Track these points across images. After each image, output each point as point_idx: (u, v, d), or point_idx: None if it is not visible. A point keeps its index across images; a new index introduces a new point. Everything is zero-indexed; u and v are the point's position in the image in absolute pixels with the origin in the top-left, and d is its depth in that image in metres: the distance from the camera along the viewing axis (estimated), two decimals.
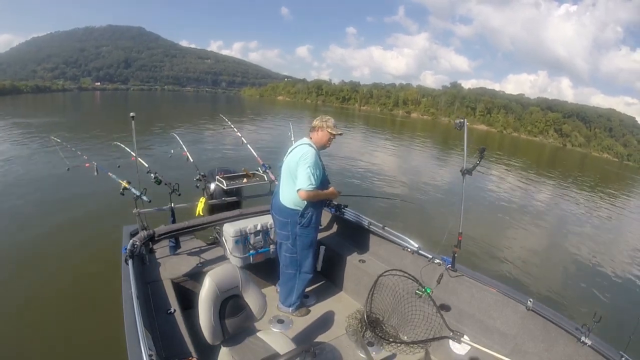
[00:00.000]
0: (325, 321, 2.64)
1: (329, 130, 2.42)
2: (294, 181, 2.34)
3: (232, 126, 4.34)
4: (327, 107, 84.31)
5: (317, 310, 2.75)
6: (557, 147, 71.50)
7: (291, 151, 2.47)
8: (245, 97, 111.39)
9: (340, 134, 2.48)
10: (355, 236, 3.22)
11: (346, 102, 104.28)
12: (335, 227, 3.44)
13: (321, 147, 2.46)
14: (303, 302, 2.74)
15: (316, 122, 2.45)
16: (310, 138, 2.46)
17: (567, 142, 79.59)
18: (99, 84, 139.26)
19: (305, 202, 2.37)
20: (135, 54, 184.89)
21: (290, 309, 2.64)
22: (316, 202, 2.43)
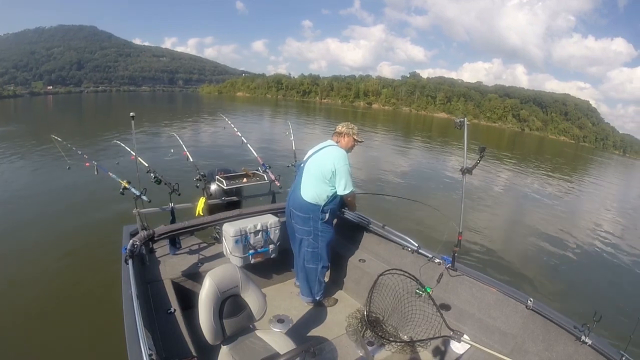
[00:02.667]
0: (325, 321, 2.64)
1: (355, 137, 2.64)
2: (323, 180, 2.48)
3: (233, 126, 4.34)
4: (287, 101, 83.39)
5: (317, 310, 2.76)
6: (515, 131, 73.53)
7: (319, 150, 2.61)
8: (204, 95, 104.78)
9: (361, 142, 2.70)
10: (355, 236, 3.22)
11: (307, 95, 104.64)
12: (335, 227, 3.44)
13: (347, 151, 2.62)
14: (326, 293, 2.85)
15: (342, 129, 2.64)
16: (337, 142, 2.63)
17: (525, 127, 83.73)
18: (51, 87, 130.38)
19: (326, 199, 2.51)
20: (88, 54, 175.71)
21: (318, 297, 2.74)
22: (336, 200, 2.57)
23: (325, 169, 2.47)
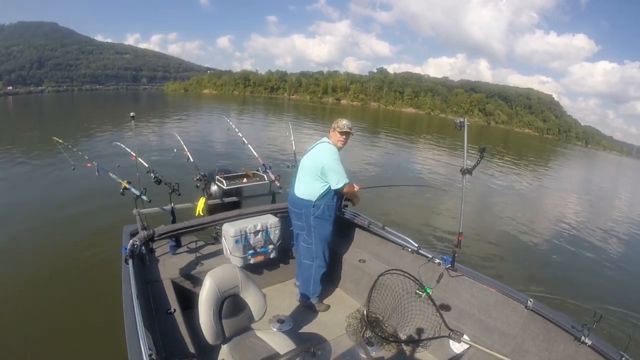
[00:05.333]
0: (325, 321, 2.64)
1: (338, 131, 2.59)
2: (315, 177, 2.52)
3: (233, 126, 4.34)
4: (255, 98, 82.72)
5: (317, 310, 2.76)
6: (482, 125, 75.45)
7: (312, 148, 2.66)
8: (169, 93, 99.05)
9: (348, 131, 2.58)
10: (355, 236, 3.23)
11: (275, 92, 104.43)
12: (335, 227, 3.44)
13: (338, 147, 2.60)
14: (326, 293, 2.85)
15: (332, 125, 2.66)
16: (329, 138, 2.66)
17: (491, 121, 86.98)
18: (11, 88, 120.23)
19: (318, 195, 2.53)
20: (49, 52, 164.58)
21: (313, 298, 2.73)
22: (329, 195, 2.58)
23: (315, 166, 2.53)
